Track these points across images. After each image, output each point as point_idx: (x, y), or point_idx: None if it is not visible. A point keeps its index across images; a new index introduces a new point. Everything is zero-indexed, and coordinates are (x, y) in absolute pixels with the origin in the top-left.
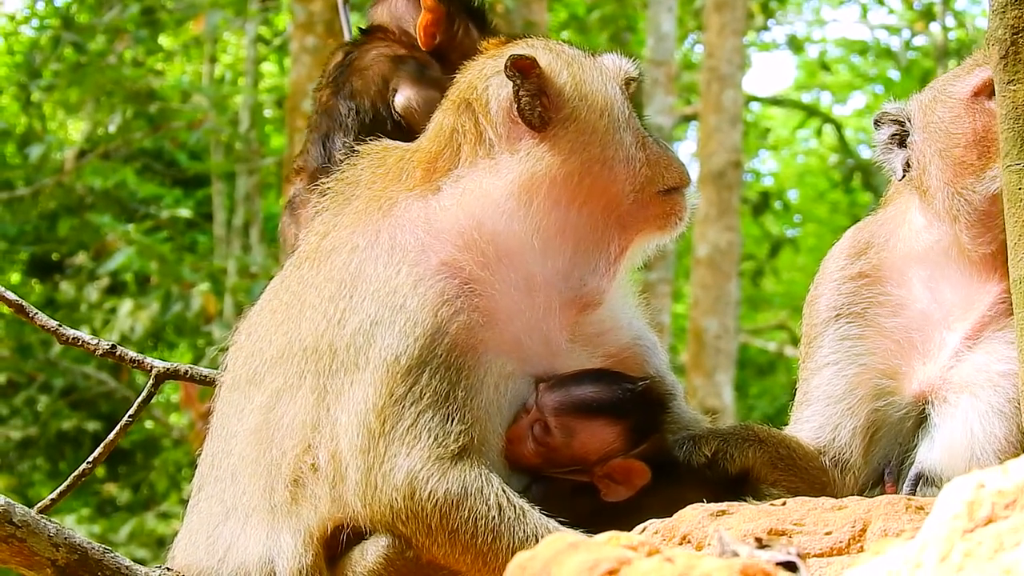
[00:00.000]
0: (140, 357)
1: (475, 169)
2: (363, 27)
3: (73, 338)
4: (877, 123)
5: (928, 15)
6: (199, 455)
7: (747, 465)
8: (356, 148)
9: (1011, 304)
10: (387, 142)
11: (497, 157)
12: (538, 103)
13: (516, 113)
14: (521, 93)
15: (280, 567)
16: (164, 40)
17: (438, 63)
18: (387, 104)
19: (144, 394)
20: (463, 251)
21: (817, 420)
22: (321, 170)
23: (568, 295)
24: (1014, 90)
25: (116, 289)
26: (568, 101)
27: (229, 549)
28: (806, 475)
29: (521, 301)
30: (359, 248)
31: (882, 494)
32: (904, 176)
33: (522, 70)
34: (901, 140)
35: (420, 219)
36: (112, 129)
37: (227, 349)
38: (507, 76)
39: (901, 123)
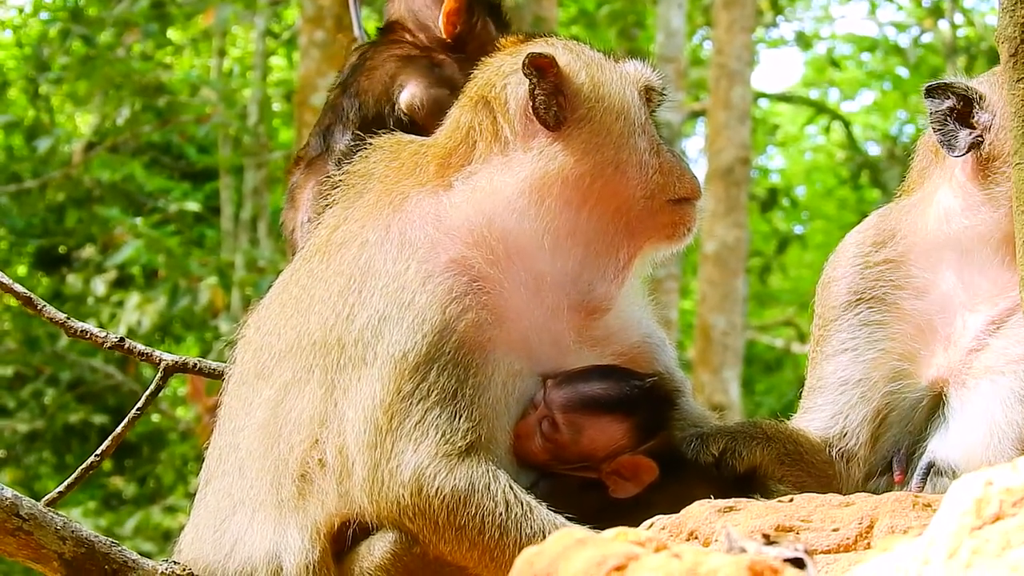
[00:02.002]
0: (148, 350)
1: (488, 166)
2: (380, 26)
3: (81, 331)
4: (932, 93)
5: (937, 12)
6: (206, 448)
7: (755, 463)
8: (364, 140)
9: None
10: (402, 135)
11: (511, 155)
12: (554, 102)
13: (532, 111)
14: (537, 92)
15: (287, 562)
16: (173, 34)
17: (455, 55)
18: (391, 102)
19: (152, 387)
20: (473, 248)
21: (828, 409)
22: (318, 158)
23: (576, 298)
24: (1023, 88)
25: (123, 282)
26: (584, 102)
27: (236, 543)
28: (813, 469)
29: (530, 300)
30: (369, 243)
31: (890, 483)
32: (965, 154)
33: (539, 68)
34: (960, 116)
35: (431, 215)
36: (120, 122)
37: (235, 342)
38: (524, 74)
39: (967, 98)
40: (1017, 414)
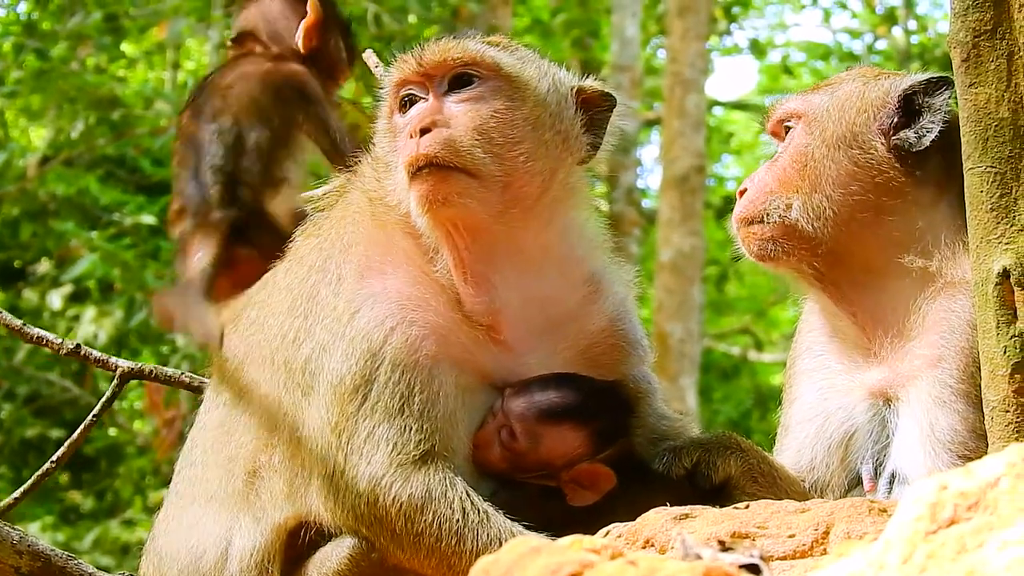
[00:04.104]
0: (104, 357)
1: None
2: (233, 36)
3: (38, 337)
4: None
5: (890, 19)
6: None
7: (729, 473)
8: (232, 176)
9: (916, 294)
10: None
11: None
12: None
13: None
14: None
15: (234, 545)
16: (127, 47)
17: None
18: (254, 123)
19: (109, 393)
20: (392, 277)
21: (794, 444)
22: (202, 207)
23: (472, 321)
24: (976, 92)
25: (79, 296)
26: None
27: (192, 528)
28: (786, 497)
29: (451, 317)
30: (315, 269)
31: (862, 495)
32: None
33: None
34: None
35: (356, 245)
36: (75, 136)
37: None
38: None
39: None
40: (937, 417)
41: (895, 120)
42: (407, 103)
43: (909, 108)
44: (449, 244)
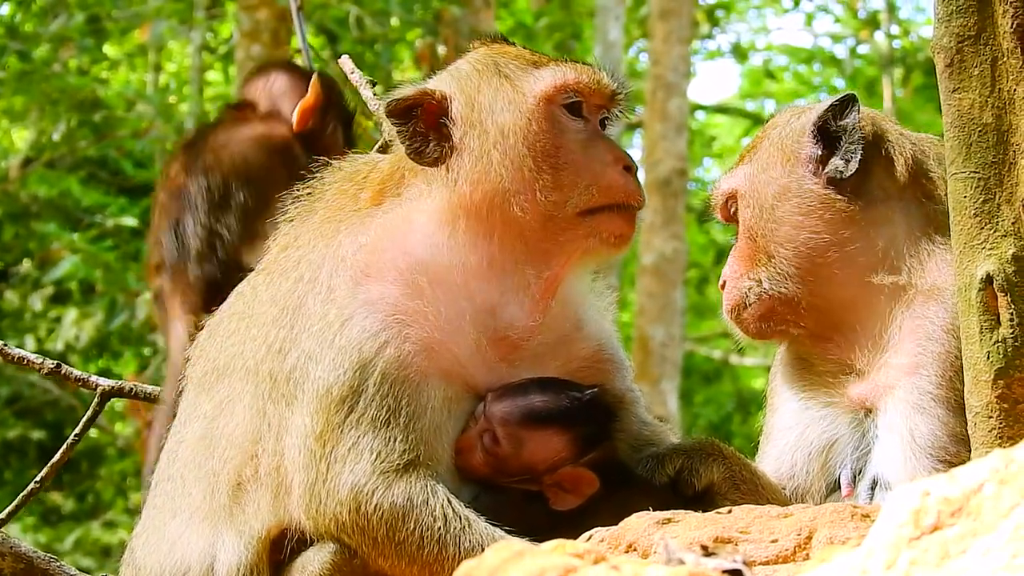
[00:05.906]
0: (85, 376)
1: (411, 198)
2: (232, 103)
3: (18, 357)
4: None
5: (873, 23)
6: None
7: (712, 480)
8: (214, 231)
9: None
10: (367, 156)
11: (427, 187)
12: (431, 140)
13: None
14: (406, 136)
15: (220, 562)
16: (109, 49)
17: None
18: (243, 182)
19: (90, 413)
20: (391, 285)
21: (775, 452)
22: (179, 262)
23: (498, 333)
24: (959, 98)
25: (61, 298)
26: (461, 133)
27: (173, 544)
28: (768, 503)
29: (456, 331)
30: (303, 280)
31: (839, 499)
32: None
33: (399, 114)
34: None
35: (354, 254)
36: (57, 137)
37: (196, 340)
38: (390, 122)
39: None
40: (917, 423)
41: (819, 154)
42: (574, 109)
43: (827, 138)
44: (560, 268)
